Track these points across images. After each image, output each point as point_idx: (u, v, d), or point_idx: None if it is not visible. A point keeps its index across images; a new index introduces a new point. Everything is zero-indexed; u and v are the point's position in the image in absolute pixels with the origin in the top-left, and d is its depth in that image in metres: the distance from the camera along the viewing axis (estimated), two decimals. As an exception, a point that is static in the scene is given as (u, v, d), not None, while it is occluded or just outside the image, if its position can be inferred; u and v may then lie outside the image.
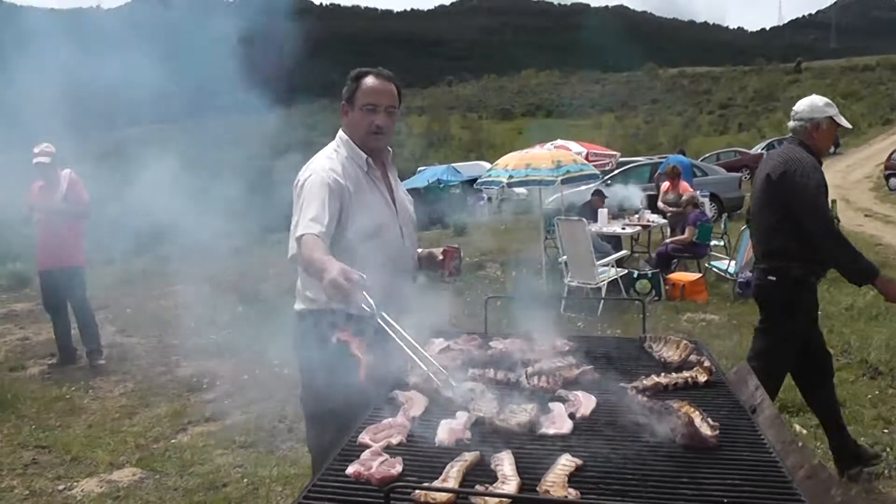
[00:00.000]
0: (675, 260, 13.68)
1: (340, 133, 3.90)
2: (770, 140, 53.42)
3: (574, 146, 18.33)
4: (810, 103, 5.38)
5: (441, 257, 4.14)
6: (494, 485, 2.33)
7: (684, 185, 15.51)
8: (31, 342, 10.89)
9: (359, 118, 3.79)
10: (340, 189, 3.63)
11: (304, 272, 3.70)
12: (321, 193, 3.55)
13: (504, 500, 2.25)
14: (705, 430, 2.69)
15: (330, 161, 3.76)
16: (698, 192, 14.97)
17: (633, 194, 17.71)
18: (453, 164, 38.92)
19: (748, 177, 36.84)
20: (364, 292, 3.05)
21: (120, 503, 5.77)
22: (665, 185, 15.97)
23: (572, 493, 2.27)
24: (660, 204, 15.98)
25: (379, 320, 3.13)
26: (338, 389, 3.34)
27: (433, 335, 4.00)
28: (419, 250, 4.24)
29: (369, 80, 3.80)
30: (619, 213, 16.55)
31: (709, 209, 17.64)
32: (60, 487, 6.06)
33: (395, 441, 2.75)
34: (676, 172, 15.81)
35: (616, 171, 23.63)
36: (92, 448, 6.81)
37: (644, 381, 3.32)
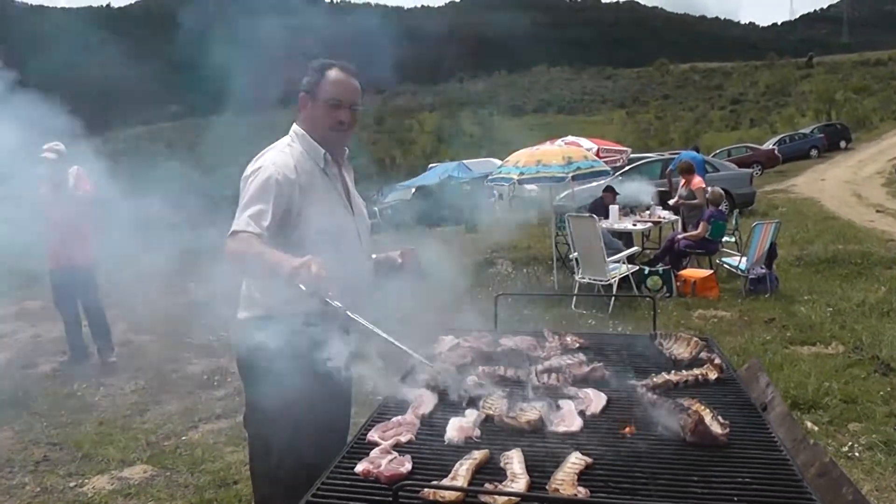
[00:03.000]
0: (687, 257, 13.63)
1: (295, 127, 3.70)
2: (782, 135, 53.30)
3: (585, 142, 18.29)
4: None
5: (399, 260, 3.99)
6: (504, 483, 2.33)
7: (696, 180, 15.43)
8: (43, 340, 10.93)
9: (321, 112, 3.59)
10: (290, 186, 3.43)
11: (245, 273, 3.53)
12: (266, 193, 3.37)
13: (513, 498, 2.24)
14: (716, 427, 2.69)
15: (283, 155, 3.55)
16: (712, 189, 14.81)
17: (644, 190, 17.65)
18: (464, 161, 38.92)
19: (759, 173, 36.80)
20: (326, 295, 2.98)
21: (131, 500, 5.78)
22: (682, 180, 15.92)
23: (582, 492, 2.27)
24: (673, 201, 15.94)
25: (350, 314, 3.04)
26: (287, 406, 3.23)
27: (443, 332, 4.00)
28: (374, 255, 4.02)
29: (334, 74, 3.60)
30: (629, 208, 16.47)
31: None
32: (72, 484, 6.07)
33: (403, 439, 2.74)
34: (688, 168, 15.76)
35: (627, 168, 23.54)
36: (103, 445, 6.82)
37: (654, 379, 3.31)
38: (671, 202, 16.23)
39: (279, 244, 3.30)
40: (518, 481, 2.34)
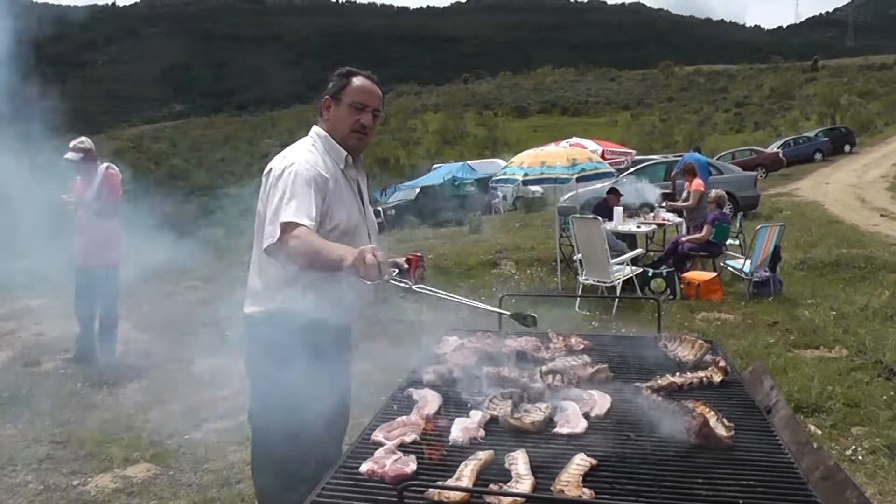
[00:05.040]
0: (691, 259, 13.62)
1: (317, 129, 3.81)
2: (786, 139, 53.18)
3: (589, 144, 18.27)
4: None
5: (406, 266, 4.04)
6: (508, 484, 2.34)
7: (696, 182, 15.41)
8: (46, 337, 10.91)
9: (344, 115, 3.71)
10: (325, 183, 3.55)
11: (281, 266, 3.48)
12: (307, 187, 3.45)
13: (518, 499, 2.24)
14: (720, 430, 2.69)
15: (312, 154, 3.66)
16: (714, 191, 14.76)
17: (648, 192, 17.64)
18: (468, 162, 38.99)
19: (763, 176, 36.76)
20: (387, 279, 3.04)
21: (134, 499, 5.78)
22: (686, 183, 15.91)
23: (587, 493, 2.27)
24: (674, 203, 15.93)
25: (416, 287, 3.14)
26: (294, 402, 3.28)
27: (447, 333, 4.00)
28: None
29: (359, 80, 3.74)
30: (634, 210, 16.44)
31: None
32: (75, 482, 6.07)
33: (408, 439, 2.75)
34: (690, 169, 15.77)
35: (631, 170, 23.54)
36: (106, 444, 6.82)
37: (659, 381, 3.32)
38: (671, 204, 16.23)
39: None
40: (523, 482, 2.34)
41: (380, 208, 29.74)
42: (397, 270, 3.07)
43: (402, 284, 3.06)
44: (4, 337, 11.17)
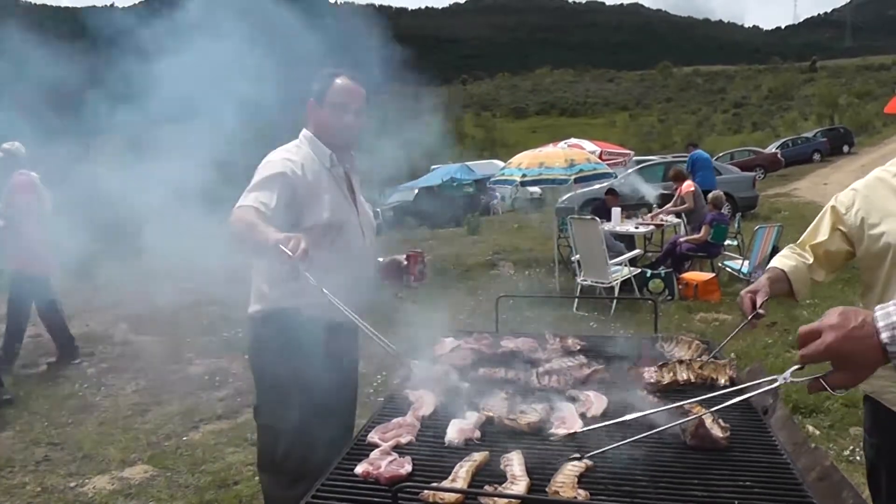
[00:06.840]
0: (689, 260, 13.62)
1: (304, 131, 3.87)
2: (784, 139, 53.22)
3: (587, 145, 18.29)
4: None
5: (405, 263, 4.08)
6: (504, 485, 2.33)
7: (686, 185, 15.38)
8: (43, 339, 10.88)
9: (328, 115, 3.77)
10: (296, 179, 3.56)
11: (246, 247, 3.47)
12: (272, 181, 3.49)
13: (513, 500, 2.23)
14: (716, 431, 2.68)
15: (290, 153, 3.71)
16: (713, 192, 14.75)
17: (647, 193, 17.64)
18: (467, 163, 38.93)
19: (762, 176, 36.76)
20: (305, 269, 2.94)
21: (131, 500, 5.78)
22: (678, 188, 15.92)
23: (582, 494, 2.26)
24: (674, 209, 15.92)
25: (325, 291, 3.03)
26: (298, 399, 3.33)
27: (444, 334, 3.99)
28: (380, 259, 4.18)
29: (342, 80, 3.79)
30: (631, 210, 16.44)
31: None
32: (72, 484, 6.07)
33: (404, 441, 2.74)
34: (680, 175, 15.78)
35: (629, 171, 23.55)
36: (104, 445, 6.82)
37: (655, 381, 3.30)
38: (669, 209, 16.25)
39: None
40: (518, 483, 2.33)
41: (378, 209, 29.68)
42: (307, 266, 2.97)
43: (312, 282, 2.99)
44: (2, 338, 11.16)
